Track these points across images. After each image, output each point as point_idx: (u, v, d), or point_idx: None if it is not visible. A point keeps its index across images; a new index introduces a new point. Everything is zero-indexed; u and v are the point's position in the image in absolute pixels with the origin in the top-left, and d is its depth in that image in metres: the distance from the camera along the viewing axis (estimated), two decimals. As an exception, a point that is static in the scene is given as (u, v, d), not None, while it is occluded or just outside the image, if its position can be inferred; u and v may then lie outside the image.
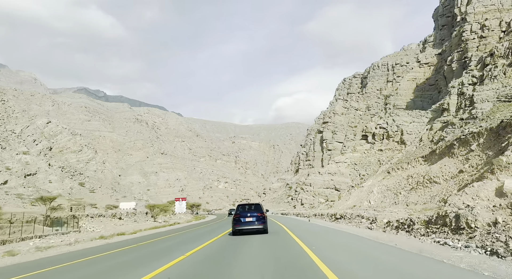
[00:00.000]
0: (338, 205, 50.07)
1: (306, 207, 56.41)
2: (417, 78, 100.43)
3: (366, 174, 53.61)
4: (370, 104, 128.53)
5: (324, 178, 57.79)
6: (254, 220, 18.47)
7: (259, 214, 18.75)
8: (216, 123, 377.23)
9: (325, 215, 38.87)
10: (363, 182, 51.74)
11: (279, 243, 13.90)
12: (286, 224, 27.16)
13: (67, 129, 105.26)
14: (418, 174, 41.32)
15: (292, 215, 48.97)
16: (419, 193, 37.74)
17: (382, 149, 57.05)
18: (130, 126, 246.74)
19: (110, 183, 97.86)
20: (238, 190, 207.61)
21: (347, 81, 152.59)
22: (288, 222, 31.45)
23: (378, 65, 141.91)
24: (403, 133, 55.39)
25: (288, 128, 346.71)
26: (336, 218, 34.17)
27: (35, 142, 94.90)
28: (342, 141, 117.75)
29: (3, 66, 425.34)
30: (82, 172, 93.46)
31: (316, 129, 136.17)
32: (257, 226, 18.35)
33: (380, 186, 47.28)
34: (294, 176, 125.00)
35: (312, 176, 60.37)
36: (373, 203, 46.37)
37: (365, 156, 58.42)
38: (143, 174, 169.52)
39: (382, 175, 50.30)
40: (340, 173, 56.85)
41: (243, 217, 18.62)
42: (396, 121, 58.23)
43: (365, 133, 62.79)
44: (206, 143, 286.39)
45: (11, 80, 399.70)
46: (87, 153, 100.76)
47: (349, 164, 58.47)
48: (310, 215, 43.43)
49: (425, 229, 18.09)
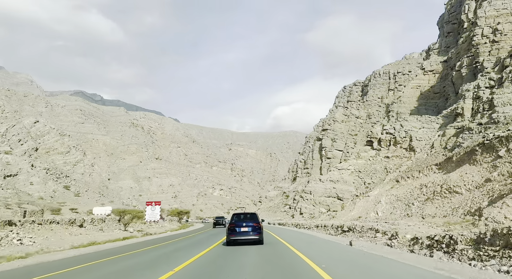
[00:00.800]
0: (342, 216, 45.30)
1: (305, 217, 51.66)
2: (421, 86, 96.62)
3: (372, 183, 49.03)
4: (371, 112, 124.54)
5: (325, 186, 53.11)
6: (249, 230, 17.90)
7: (255, 224, 18.11)
8: (213, 129, 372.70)
9: (328, 226, 34.11)
10: (369, 191, 47.09)
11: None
12: (293, 243, 19.09)
13: (55, 129, 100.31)
14: (433, 183, 36.73)
15: (291, 226, 44.06)
16: (437, 204, 33.08)
17: (389, 156, 52.59)
18: (125, 130, 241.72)
19: (98, 187, 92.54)
20: (233, 198, 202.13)
21: (347, 88, 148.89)
22: (292, 237, 26.61)
23: (379, 73, 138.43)
24: (412, 139, 51.03)
25: (285, 137, 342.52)
26: (343, 230, 29.44)
27: (20, 142, 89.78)
28: (342, 149, 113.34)
29: (1, 67, 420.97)
30: (68, 174, 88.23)
31: (315, 137, 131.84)
32: (252, 236, 17.74)
33: (389, 196, 42.61)
34: (292, 184, 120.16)
35: (312, 184, 55.66)
36: (381, 215, 41.61)
37: (370, 163, 53.92)
38: (136, 179, 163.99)
39: (390, 184, 45.68)
40: (343, 181, 52.25)
41: (238, 226, 17.99)
42: (404, 127, 53.90)
43: (370, 139, 58.36)
44: (202, 150, 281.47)
45: (6, 82, 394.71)
46: (75, 155, 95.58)
47: (353, 171, 53.91)
48: (311, 226, 38.58)
49: (475, 251, 13.39)
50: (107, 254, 14.61)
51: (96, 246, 17.96)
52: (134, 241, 23.19)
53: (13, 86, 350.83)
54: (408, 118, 57.99)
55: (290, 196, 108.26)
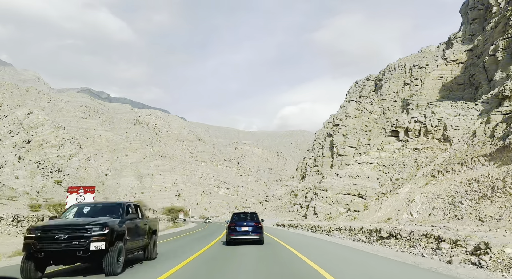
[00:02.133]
0: (365, 217, 37.49)
1: (321, 217, 43.98)
2: (444, 77, 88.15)
3: (400, 178, 41.25)
4: (386, 107, 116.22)
5: (344, 182, 45.34)
6: (250, 230, 17.63)
7: (256, 223, 17.95)
8: (219, 128, 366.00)
9: (356, 230, 26.35)
10: (398, 188, 39.19)
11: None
12: (329, 267, 10.75)
13: (50, 121, 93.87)
14: (489, 178, 28.77)
15: (305, 229, 36.22)
16: (501, 202, 25.14)
17: (419, 148, 44.73)
18: (130, 127, 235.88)
19: (94, 183, 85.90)
20: (239, 197, 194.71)
21: (360, 83, 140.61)
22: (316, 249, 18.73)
23: (394, 66, 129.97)
24: (447, 128, 43.11)
25: (292, 136, 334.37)
26: (380, 236, 21.71)
27: (10, 134, 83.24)
28: (355, 146, 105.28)
29: (8, 64, 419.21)
30: (61, 168, 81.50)
31: (325, 133, 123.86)
32: (253, 236, 17.49)
33: (425, 194, 34.67)
34: (301, 182, 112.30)
35: (328, 180, 47.85)
36: (417, 216, 33.68)
37: (396, 156, 46.07)
38: (138, 176, 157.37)
39: (424, 180, 37.73)
40: (364, 176, 44.49)
41: (238, 226, 17.75)
42: (436, 114, 45.96)
43: (396, 129, 50.44)
44: (208, 148, 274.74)
45: (14, 79, 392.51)
46: (70, 148, 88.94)
47: (376, 165, 46.10)
48: (331, 229, 30.81)
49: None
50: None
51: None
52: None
53: (20, 82, 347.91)
54: (440, 105, 49.99)
55: (299, 194, 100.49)
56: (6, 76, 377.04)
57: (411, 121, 48.07)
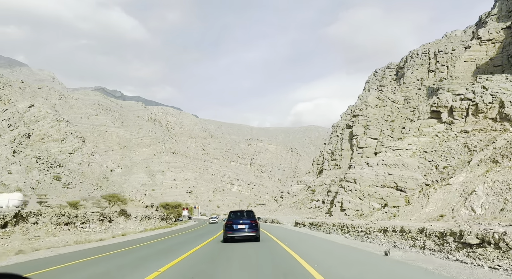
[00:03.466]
0: (408, 213, 29.55)
1: (349, 214, 36.28)
2: (477, 58, 78.75)
3: (448, 166, 33.26)
4: (410, 96, 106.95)
5: (376, 172, 37.42)
6: (246, 228, 17.77)
7: (252, 221, 18.14)
8: (232, 125, 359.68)
9: (412, 231, 18.47)
10: (448, 178, 31.08)
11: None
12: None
13: (52, 114, 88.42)
14: None
15: (333, 229, 28.44)
16: None
17: (468, 130, 36.55)
18: (142, 125, 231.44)
19: (97, 178, 80.00)
20: (252, 194, 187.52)
21: (379, 72, 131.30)
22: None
23: (417, 52, 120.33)
24: (504, 105, 34.82)
25: (307, 131, 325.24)
26: (464, 243, 13.99)
27: (10, 127, 77.76)
28: (377, 137, 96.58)
29: (24, 65, 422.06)
30: (63, 164, 75.75)
31: (342, 125, 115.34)
32: (249, 233, 17.76)
33: (489, 184, 26.48)
34: (318, 177, 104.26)
35: (357, 170, 39.91)
36: (482, 212, 25.49)
37: (440, 140, 37.97)
38: (149, 172, 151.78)
39: (483, 167, 29.53)
40: (402, 165, 36.46)
41: (235, 224, 17.87)
42: (489, 89, 37.62)
43: (437, 109, 42.12)
44: (220, 145, 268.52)
45: (30, 78, 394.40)
46: (73, 142, 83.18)
47: (415, 152, 38.02)
48: (372, 230, 23.01)
49: None
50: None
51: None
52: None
53: (36, 82, 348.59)
54: (493, 78, 41.36)
55: (316, 190, 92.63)
56: (22, 76, 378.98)
57: (456, 98, 39.77)
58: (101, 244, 18.38)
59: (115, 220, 26.63)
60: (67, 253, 15.03)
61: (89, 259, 12.75)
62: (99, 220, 23.86)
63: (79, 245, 17.53)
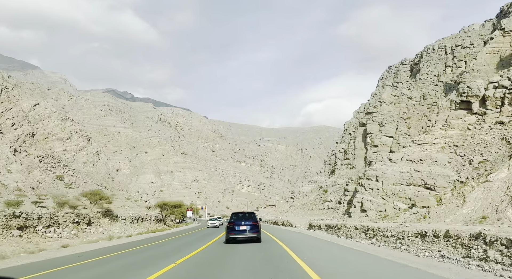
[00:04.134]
0: (441, 215, 25.46)
1: (371, 215, 32.27)
2: (501, 50, 73.67)
3: (484, 161, 29.12)
4: (426, 92, 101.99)
5: (401, 169, 33.24)
6: (248, 229, 17.96)
7: (253, 222, 18.41)
8: (241, 125, 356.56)
9: (462, 237, 14.50)
10: (487, 174, 26.88)
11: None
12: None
13: (57, 113, 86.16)
14: None
15: (354, 232, 24.60)
16: None
17: (505, 121, 32.31)
18: (152, 125, 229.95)
19: (103, 179, 77.30)
20: (262, 195, 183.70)
21: (393, 69, 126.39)
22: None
23: (433, 48, 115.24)
24: (547, 93, 30.46)
25: (317, 132, 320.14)
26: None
27: (13, 126, 75.57)
28: (393, 135, 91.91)
29: (36, 68, 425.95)
30: (67, 163, 73.16)
31: (355, 123, 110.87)
32: (250, 234, 17.95)
33: (542, 181, 22.29)
34: (330, 177, 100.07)
35: (378, 166, 35.74)
36: (536, 215, 21.29)
37: (472, 133, 33.79)
38: (157, 173, 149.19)
39: (529, 161, 25.28)
40: (430, 161, 32.30)
41: (237, 225, 18.04)
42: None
43: (467, 99, 37.89)
44: (230, 145, 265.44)
45: (42, 81, 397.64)
46: (77, 141, 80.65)
47: (444, 146, 33.87)
48: (406, 234, 19.11)
49: None
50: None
51: None
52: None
53: (47, 84, 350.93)
54: (531, 63, 36.89)
55: (329, 190, 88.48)
56: (34, 79, 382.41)
57: (489, 87, 35.57)
58: (37, 259, 13.67)
59: (96, 222, 22.99)
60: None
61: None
62: (74, 222, 20.23)
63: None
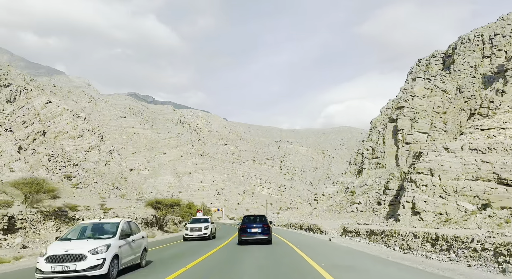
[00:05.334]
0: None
1: (427, 218, 25.08)
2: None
3: None
4: (462, 85, 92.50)
5: (463, 160, 25.90)
6: (259, 231, 18.72)
7: (264, 225, 19.08)
8: (261, 127, 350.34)
9: None
10: None
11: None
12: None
13: (69, 110, 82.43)
14: None
15: (413, 244, 17.39)
16: None
17: None
18: (172, 127, 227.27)
19: (115, 178, 72.58)
20: (283, 197, 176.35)
21: (423, 62, 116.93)
22: None
23: (468, 37, 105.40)
24: None
25: (339, 133, 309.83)
26: None
27: (24, 124, 71.91)
28: (427, 131, 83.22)
29: (61, 73, 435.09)
30: (77, 162, 68.78)
31: (384, 120, 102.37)
32: (261, 236, 18.69)
33: None
34: (357, 178, 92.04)
35: (432, 157, 28.26)
36: None
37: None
38: (175, 174, 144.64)
39: None
40: (502, 149, 24.89)
41: (249, 227, 18.93)
42: None
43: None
44: (249, 147, 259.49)
45: (66, 85, 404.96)
46: (90, 139, 76.36)
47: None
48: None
49: None
50: None
51: None
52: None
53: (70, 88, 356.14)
54: None
55: (356, 192, 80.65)
56: (59, 83, 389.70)
57: None
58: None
59: (32, 227, 16.64)
60: None
61: None
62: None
63: None
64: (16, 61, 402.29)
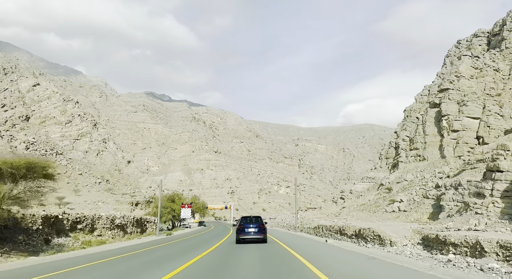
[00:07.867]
0: None
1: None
2: None
3: None
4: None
5: None
6: (255, 231, 19.70)
7: (260, 225, 20.03)
8: (278, 125, 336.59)
9: None
10: None
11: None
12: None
13: (59, 93, 71.94)
14: None
15: None
16: None
17: None
18: (186, 124, 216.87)
19: (107, 171, 61.35)
20: (302, 196, 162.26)
21: (464, 43, 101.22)
22: None
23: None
24: None
25: (360, 131, 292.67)
26: None
27: (3, 108, 61.28)
28: (479, 116, 68.24)
29: (79, 73, 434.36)
30: (62, 151, 57.64)
31: (419, 108, 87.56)
32: (257, 236, 19.52)
33: None
34: (391, 173, 77.68)
35: None
36: None
37: None
38: (186, 171, 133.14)
39: None
40: None
41: (246, 227, 19.84)
42: None
43: None
44: (266, 145, 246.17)
45: (85, 86, 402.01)
46: (80, 126, 65.41)
47: None
48: None
49: None
50: None
51: None
52: None
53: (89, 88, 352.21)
54: None
55: (394, 189, 66.47)
56: (77, 83, 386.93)
57: None
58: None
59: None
60: None
61: None
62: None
63: None
64: (35, 61, 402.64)
